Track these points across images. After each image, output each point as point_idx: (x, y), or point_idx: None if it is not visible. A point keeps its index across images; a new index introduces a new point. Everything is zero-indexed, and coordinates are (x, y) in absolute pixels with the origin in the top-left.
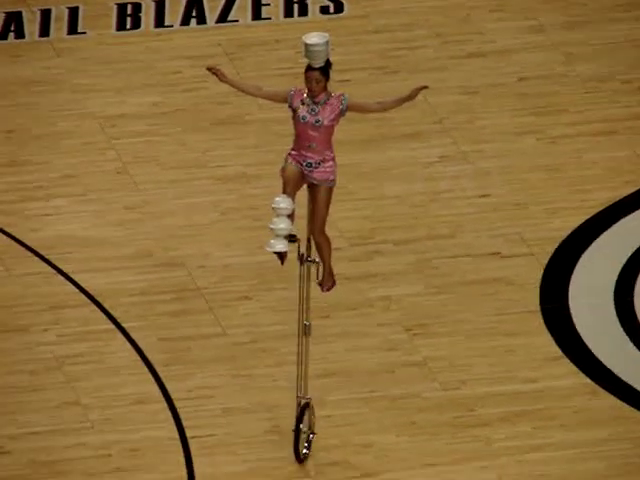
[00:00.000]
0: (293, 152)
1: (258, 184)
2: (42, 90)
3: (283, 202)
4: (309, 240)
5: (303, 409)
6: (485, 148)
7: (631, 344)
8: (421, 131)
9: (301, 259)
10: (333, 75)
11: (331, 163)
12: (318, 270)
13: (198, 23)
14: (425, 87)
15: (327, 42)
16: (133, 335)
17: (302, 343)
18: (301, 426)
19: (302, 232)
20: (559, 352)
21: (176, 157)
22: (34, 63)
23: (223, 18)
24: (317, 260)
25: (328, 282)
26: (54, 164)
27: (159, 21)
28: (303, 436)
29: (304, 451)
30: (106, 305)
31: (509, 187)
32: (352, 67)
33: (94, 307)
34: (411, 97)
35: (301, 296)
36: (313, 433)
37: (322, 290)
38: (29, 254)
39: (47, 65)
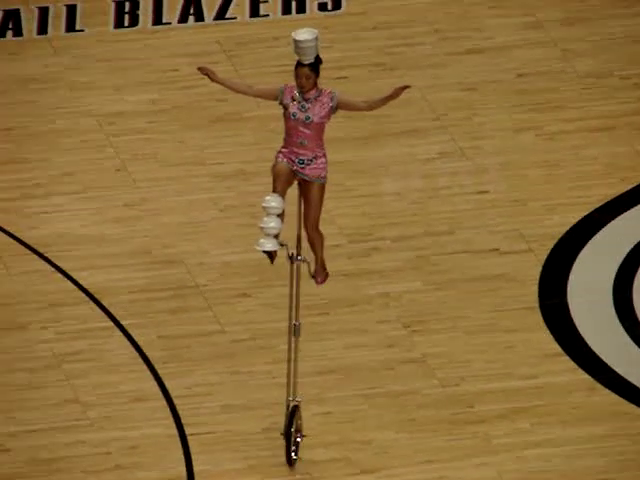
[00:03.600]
0: (284, 150)
1: (256, 181)
2: (40, 88)
3: (274, 201)
4: (299, 239)
5: (293, 412)
6: (483, 144)
7: (630, 340)
8: (419, 128)
9: (291, 258)
10: (331, 72)
11: (323, 160)
12: (309, 266)
13: (196, 20)
14: (408, 87)
15: (316, 38)
16: (132, 332)
17: (292, 343)
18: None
19: (292, 229)
20: (558, 348)
21: (174, 154)
22: (32, 61)
23: (221, 15)
24: (307, 260)
25: (321, 274)
26: (53, 162)
27: (157, 19)
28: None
29: (292, 455)
30: (105, 302)
31: (508, 183)
32: (350, 64)
33: (93, 305)
34: (394, 96)
35: (291, 295)
36: (302, 436)
37: (317, 283)
38: (28, 252)
39: (45, 63)
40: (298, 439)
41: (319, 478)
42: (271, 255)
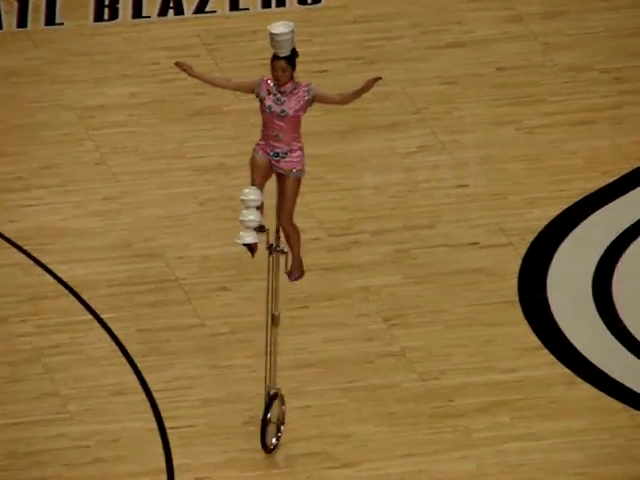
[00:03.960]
0: (261, 142)
1: (237, 175)
2: (20, 81)
3: (252, 194)
4: (278, 230)
5: (271, 399)
6: (463, 138)
7: (609, 334)
8: (399, 121)
9: (270, 249)
10: (310, 65)
11: (299, 153)
12: (287, 260)
13: (176, 14)
14: (379, 79)
15: (292, 31)
16: (112, 326)
17: (270, 333)
18: (269, 416)
19: (271, 222)
20: (537, 342)
21: (154, 148)
22: (12, 54)
23: (201, 9)
24: (286, 250)
25: (296, 272)
26: (33, 155)
27: (137, 12)
28: (272, 426)
29: (273, 441)
30: (85, 296)
31: (488, 177)
32: (330, 57)
33: (73, 298)
34: (366, 89)
35: (269, 286)
36: (282, 424)
37: (290, 280)
38: (7, 245)
39: (25, 56)
40: (281, 427)
41: (299, 472)
42: (252, 248)
